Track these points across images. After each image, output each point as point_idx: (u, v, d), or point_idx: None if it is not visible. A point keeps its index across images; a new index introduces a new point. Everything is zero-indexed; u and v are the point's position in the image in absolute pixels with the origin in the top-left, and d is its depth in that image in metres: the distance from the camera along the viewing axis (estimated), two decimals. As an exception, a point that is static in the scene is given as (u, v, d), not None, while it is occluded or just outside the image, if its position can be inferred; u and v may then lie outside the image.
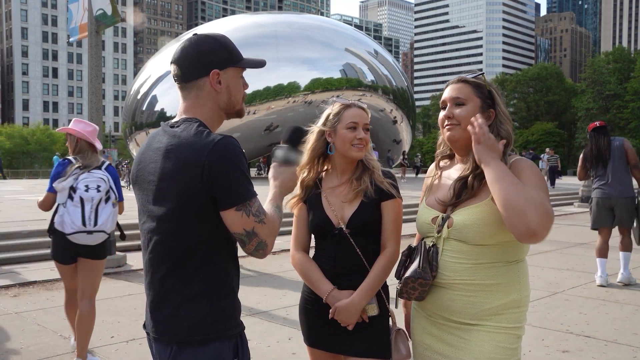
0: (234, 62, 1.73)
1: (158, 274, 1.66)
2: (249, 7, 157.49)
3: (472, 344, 1.75)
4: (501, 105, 1.87)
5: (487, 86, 1.86)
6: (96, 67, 8.04)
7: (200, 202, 1.58)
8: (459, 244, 1.78)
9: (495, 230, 1.73)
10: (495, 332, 1.74)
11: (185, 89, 1.71)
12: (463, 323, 1.77)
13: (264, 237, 1.61)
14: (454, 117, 1.85)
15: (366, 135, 2.17)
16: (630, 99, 59.24)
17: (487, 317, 1.75)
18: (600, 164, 6.48)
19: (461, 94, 1.85)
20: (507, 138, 1.82)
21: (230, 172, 1.56)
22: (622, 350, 4.24)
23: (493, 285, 1.75)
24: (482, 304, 1.75)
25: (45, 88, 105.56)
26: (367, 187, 2.14)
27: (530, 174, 1.74)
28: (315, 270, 2.16)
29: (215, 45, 1.71)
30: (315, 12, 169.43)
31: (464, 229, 1.76)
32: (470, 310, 1.76)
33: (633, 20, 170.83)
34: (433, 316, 1.85)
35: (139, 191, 1.73)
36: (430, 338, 1.86)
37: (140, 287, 6.39)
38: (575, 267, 7.52)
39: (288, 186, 1.84)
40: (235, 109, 1.76)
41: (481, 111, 1.83)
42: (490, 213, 1.73)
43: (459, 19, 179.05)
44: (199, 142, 1.57)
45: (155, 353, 1.69)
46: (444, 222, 1.81)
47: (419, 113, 57.56)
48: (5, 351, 4.26)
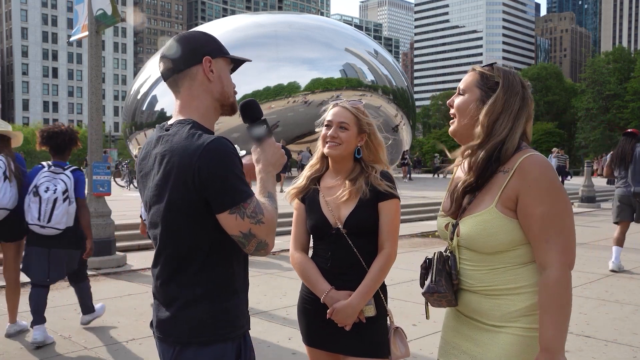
0: (224, 53, 1.75)
1: (162, 278, 1.67)
2: (249, 7, 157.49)
3: (500, 345, 1.69)
4: (501, 97, 1.71)
5: (495, 77, 1.74)
6: (96, 67, 8.04)
7: (195, 206, 1.57)
8: (470, 252, 1.73)
9: (503, 239, 1.66)
10: (524, 334, 1.67)
11: (178, 81, 1.70)
12: (492, 325, 1.71)
13: (263, 237, 1.59)
14: (453, 106, 1.80)
15: (342, 133, 2.17)
16: (630, 99, 59.23)
17: (515, 319, 1.68)
18: (623, 165, 7.25)
19: (464, 82, 1.80)
20: (501, 136, 1.69)
21: (221, 175, 1.54)
22: (622, 350, 4.24)
23: (517, 288, 1.69)
24: (508, 306, 1.69)
25: (45, 88, 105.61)
26: (361, 188, 2.15)
27: (539, 194, 1.60)
28: (313, 270, 2.17)
29: (206, 37, 1.75)
30: (315, 12, 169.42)
31: (470, 240, 1.70)
32: (496, 313, 1.70)
33: (633, 20, 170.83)
34: (465, 317, 1.79)
35: (143, 198, 1.74)
36: (460, 337, 1.79)
37: (140, 287, 6.39)
38: (575, 267, 7.48)
39: (272, 161, 1.73)
40: (230, 100, 1.75)
41: (479, 103, 1.74)
42: (495, 222, 1.66)
43: (459, 19, 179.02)
44: (189, 146, 1.56)
45: (160, 352, 1.71)
46: (454, 229, 1.75)
47: (419, 113, 57.55)
48: (5, 351, 4.26)
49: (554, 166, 15.68)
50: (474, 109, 1.74)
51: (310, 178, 2.29)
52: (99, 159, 7.83)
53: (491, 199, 1.67)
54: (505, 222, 1.65)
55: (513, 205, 1.65)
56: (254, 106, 1.77)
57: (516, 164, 1.65)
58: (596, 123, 62.65)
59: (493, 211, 1.66)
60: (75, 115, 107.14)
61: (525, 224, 1.64)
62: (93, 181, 7.62)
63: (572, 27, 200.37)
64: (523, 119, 1.73)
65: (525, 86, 1.76)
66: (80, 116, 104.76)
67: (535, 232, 1.62)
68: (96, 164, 7.68)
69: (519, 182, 1.63)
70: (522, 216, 1.63)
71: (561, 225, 1.62)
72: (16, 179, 4.50)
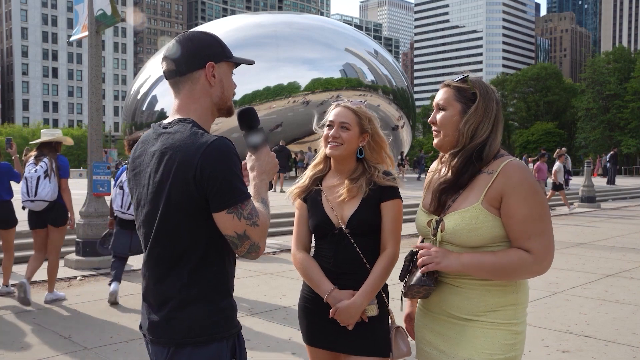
0: (227, 56, 1.73)
1: (155, 277, 1.65)
2: (249, 7, 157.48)
3: (467, 339, 1.79)
4: (481, 105, 1.83)
5: (471, 88, 1.85)
6: (96, 67, 8.04)
7: (195, 204, 1.56)
8: (453, 247, 1.81)
9: (486, 234, 1.75)
10: (490, 328, 1.77)
11: (179, 83, 1.69)
12: (460, 318, 1.81)
13: (257, 239, 1.59)
14: (437, 123, 1.89)
15: (343, 133, 2.17)
16: (630, 99, 59.18)
17: (482, 313, 1.78)
18: None
19: (442, 99, 1.88)
20: (482, 138, 1.81)
21: (222, 174, 1.54)
22: (622, 350, 4.24)
23: (490, 284, 1.79)
24: (478, 300, 1.79)
25: (45, 88, 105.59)
26: (362, 188, 2.15)
27: (522, 197, 1.73)
28: (316, 269, 2.17)
29: (210, 39, 1.72)
30: (315, 12, 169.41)
31: (455, 234, 1.78)
32: (466, 306, 1.80)
33: (633, 20, 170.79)
34: (435, 312, 1.89)
35: (135, 196, 1.72)
36: (431, 334, 1.90)
37: (140, 286, 6.38)
38: (575, 267, 7.52)
39: (266, 170, 1.75)
40: (227, 104, 1.75)
41: (461, 115, 1.83)
42: (480, 218, 1.75)
43: (459, 19, 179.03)
44: (192, 144, 1.56)
45: (152, 354, 1.68)
46: (437, 225, 1.83)
47: (419, 113, 57.46)
48: (5, 351, 4.26)
49: (561, 170, 15.61)
50: (457, 122, 1.84)
51: (313, 178, 2.29)
52: (99, 159, 7.83)
53: (476, 197, 1.77)
54: (490, 218, 1.75)
55: (497, 204, 1.76)
56: (251, 114, 1.77)
57: (499, 167, 1.77)
58: (596, 123, 62.62)
59: (479, 208, 1.76)
60: (75, 115, 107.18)
61: (508, 223, 1.75)
62: (93, 181, 7.63)
63: (572, 27, 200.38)
64: (501, 121, 1.87)
65: (495, 91, 1.91)
66: (80, 116, 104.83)
67: (518, 232, 1.73)
68: (96, 164, 7.69)
69: (502, 184, 1.75)
70: (506, 216, 1.75)
71: (542, 227, 1.74)
72: (56, 176, 5.64)
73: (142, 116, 25.98)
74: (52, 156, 5.72)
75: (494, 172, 1.76)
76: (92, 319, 5.10)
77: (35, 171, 5.58)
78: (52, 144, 5.84)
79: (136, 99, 26.29)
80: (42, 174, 5.54)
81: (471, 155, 1.80)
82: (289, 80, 26.17)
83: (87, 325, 4.89)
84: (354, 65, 28.40)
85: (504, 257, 1.72)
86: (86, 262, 7.39)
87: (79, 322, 4.91)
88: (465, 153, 1.80)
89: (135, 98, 26.35)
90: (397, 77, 30.63)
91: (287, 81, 26.09)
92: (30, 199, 5.57)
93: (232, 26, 27.49)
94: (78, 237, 7.66)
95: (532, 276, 1.77)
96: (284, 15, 37.60)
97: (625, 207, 16.70)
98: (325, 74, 27.34)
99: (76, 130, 76.89)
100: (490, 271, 1.73)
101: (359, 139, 2.20)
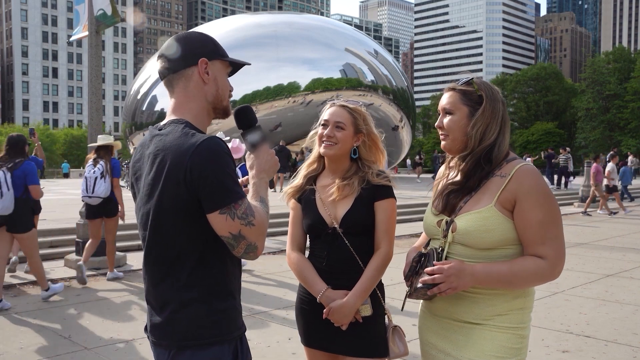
0: (221, 55, 1.73)
1: (153, 279, 1.65)
2: (249, 7, 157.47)
3: (474, 342, 1.77)
4: (488, 107, 1.83)
5: (477, 91, 1.85)
6: (96, 67, 8.05)
7: (188, 205, 1.55)
8: (464, 248, 1.79)
9: (498, 236, 1.74)
10: (498, 331, 1.76)
11: (173, 81, 1.69)
12: (467, 322, 1.79)
13: (253, 239, 1.56)
14: (444, 127, 1.88)
15: (338, 133, 2.17)
16: (630, 99, 59.22)
17: (490, 317, 1.77)
18: None
19: (448, 103, 1.87)
20: (490, 140, 1.81)
21: (213, 174, 1.51)
22: (622, 350, 4.24)
23: (500, 290, 1.77)
24: (486, 305, 1.77)
25: (45, 88, 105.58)
26: (354, 187, 2.15)
27: (536, 202, 1.72)
28: (310, 269, 2.17)
29: (203, 38, 1.73)
30: (315, 12, 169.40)
31: (467, 235, 1.76)
32: (475, 310, 1.78)
33: (633, 20, 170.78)
34: (441, 315, 1.87)
35: (136, 199, 1.72)
36: (435, 336, 1.88)
37: (140, 286, 6.38)
38: (575, 267, 7.52)
39: (266, 168, 1.71)
40: (223, 104, 1.74)
41: (469, 119, 1.83)
42: (493, 219, 1.74)
43: (459, 19, 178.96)
44: (182, 145, 1.54)
45: (155, 356, 1.68)
46: (448, 226, 1.81)
47: (419, 113, 57.53)
48: (5, 351, 4.26)
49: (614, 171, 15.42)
50: (465, 125, 1.84)
51: (306, 177, 2.29)
52: (99, 159, 7.84)
53: (489, 199, 1.76)
54: (503, 220, 1.74)
55: (510, 207, 1.75)
56: (248, 112, 1.74)
57: (513, 170, 1.76)
58: (596, 123, 62.64)
59: (492, 209, 1.75)
60: (75, 115, 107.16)
61: (521, 226, 1.74)
62: (93, 181, 7.64)
63: (572, 27, 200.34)
64: (508, 121, 1.87)
65: (500, 92, 1.91)
66: (80, 116, 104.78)
67: (533, 236, 1.72)
68: (96, 164, 7.69)
69: (516, 188, 1.74)
70: (519, 219, 1.74)
71: (556, 232, 1.74)
72: (109, 176, 6.62)
73: (142, 116, 25.98)
74: (107, 158, 6.70)
75: (507, 175, 1.76)
76: (92, 319, 5.11)
77: (94, 172, 6.60)
78: (108, 147, 6.79)
79: (136, 99, 26.29)
80: (99, 175, 6.55)
81: (480, 157, 1.80)
82: (289, 80, 26.15)
83: (87, 325, 4.89)
84: (354, 65, 28.39)
85: (519, 266, 1.71)
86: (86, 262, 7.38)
87: (79, 322, 4.91)
88: (475, 156, 1.81)
89: (135, 98, 26.34)
90: (397, 77, 30.62)
91: (287, 81, 26.08)
92: (88, 195, 6.58)
93: (232, 26, 27.48)
94: (78, 237, 7.67)
95: (545, 282, 1.76)
96: (284, 15, 37.58)
97: (625, 207, 16.69)
98: (325, 74, 27.33)
99: (76, 130, 76.77)
100: (506, 282, 1.72)
101: (354, 139, 2.20)
